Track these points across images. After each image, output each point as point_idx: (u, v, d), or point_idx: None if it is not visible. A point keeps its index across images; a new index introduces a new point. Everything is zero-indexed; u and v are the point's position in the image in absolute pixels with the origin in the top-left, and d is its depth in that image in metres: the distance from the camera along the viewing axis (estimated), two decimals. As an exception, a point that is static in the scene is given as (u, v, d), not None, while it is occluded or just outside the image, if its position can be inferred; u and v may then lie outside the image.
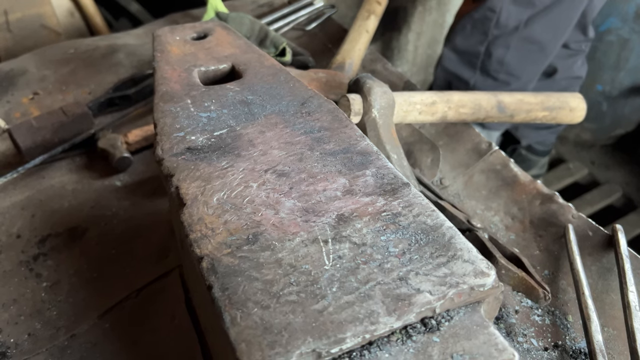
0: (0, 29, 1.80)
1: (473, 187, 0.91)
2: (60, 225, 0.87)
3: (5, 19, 1.81)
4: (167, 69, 0.73)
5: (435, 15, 2.52)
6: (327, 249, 0.46)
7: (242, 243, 0.47)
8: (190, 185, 0.53)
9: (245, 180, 0.53)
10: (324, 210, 0.50)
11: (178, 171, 0.55)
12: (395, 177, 0.54)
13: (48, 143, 0.96)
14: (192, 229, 0.49)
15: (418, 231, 0.48)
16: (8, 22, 1.81)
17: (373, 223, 0.49)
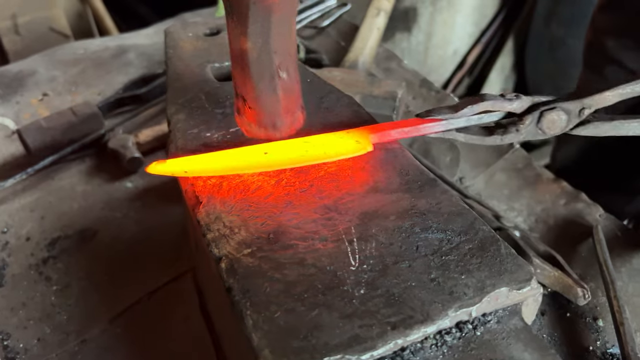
0: (9, 32, 1.79)
1: (494, 186, 0.89)
2: (70, 228, 0.85)
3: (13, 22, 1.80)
4: (179, 65, 0.70)
5: (446, 15, 2.49)
6: (352, 249, 0.43)
7: (263, 243, 0.44)
8: (206, 182, 0.51)
9: (264, 177, 0.51)
10: (346, 208, 0.48)
11: (193, 168, 0.53)
12: (421, 173, 0.51)
13: (57, 144, 0.94)
14: (210, 228, 0.47)
15: (449, 230, 0.45)
16: (17, 25, 1.80)
17: (400, 221, 0.46)
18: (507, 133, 0.51)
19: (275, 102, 0.49)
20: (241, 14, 0.44)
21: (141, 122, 1.04)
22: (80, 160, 0.98)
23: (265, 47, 0.46)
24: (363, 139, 0.51)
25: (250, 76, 0.48)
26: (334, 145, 0.51)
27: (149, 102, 1.06)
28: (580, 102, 0.50)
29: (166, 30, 0.80)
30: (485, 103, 0.48)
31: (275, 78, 0.48)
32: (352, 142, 0.51)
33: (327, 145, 0.51)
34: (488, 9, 2.63)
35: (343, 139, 0.52)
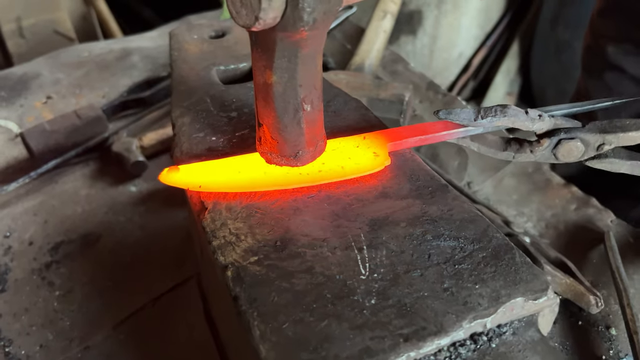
0: (13, 35, 1.79)
1: (503, 191, 0.87)
2: (73, 232, 0.84)
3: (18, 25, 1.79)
4: (184, 68, 0.69)
5: (451, 18, 2.48)
6: (362, 257, 0.42)
7: (270, 250, 0.43)
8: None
9: (271, 182, 0.50)
10: (356, 214, 0.46)
11: (198, 173, 0.52)
12: (432, 179, 0.50)
13: (61, 147, 0.94)
14: (215, 235, 0.45)
15: (462, 237, 0.44)
16: (21, 28, 1.80)
17: (411, 228, 0.45)
18: (521, 152, 0.50)
19: (298, 135, 0.47)
20: (267, 48, 0.43)
21: (145, 126, 1.03)
22: (84, 164, 0.97)
23: (291, 81, 0.44)
24: (380, 150, 0.50)
25: (274, 109, 0.46)
26: (351, 160, 0.50)
27: (153, 106, 1.05)
28: (601, 137, 0.49)
29: (171, 33, 0.79)
30: (505, 119, 0.47)
31: (300, 111, 0.46)
32: (369, 155, 0.50)
33: (344, 159, 0.50)
34: (493, 12, 2.62)
35: (360, 149, 0.51)
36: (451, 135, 0.50)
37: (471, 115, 0.48)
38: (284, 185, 0.48)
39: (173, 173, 0.50)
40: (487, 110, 0.48)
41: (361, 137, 0.52)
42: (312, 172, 0.49)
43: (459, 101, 1.02)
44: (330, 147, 0.51)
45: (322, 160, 0.50)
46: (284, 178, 0.49)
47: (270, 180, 0.49)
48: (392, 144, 0.51)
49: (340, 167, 0.49)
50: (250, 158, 0.51)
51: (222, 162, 0.51)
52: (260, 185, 0.49)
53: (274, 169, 0.49)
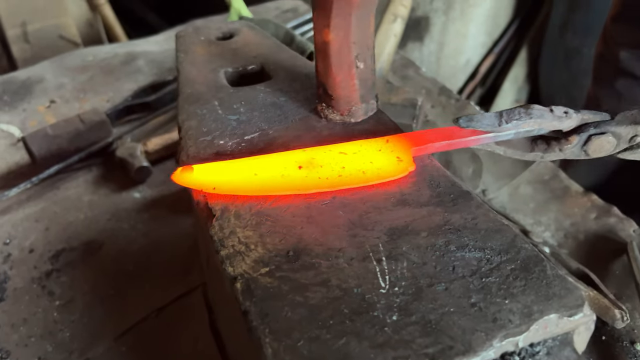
0: (18, 40, 1.77)
1: (519, 199, 0.84)
2: (75, 239, 0.81)
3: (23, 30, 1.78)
4: (191, 70, 0.67)
5: (459, 25, 2.46)
6: (381, 269, 0.39)
7: (282, 261, 0.40)
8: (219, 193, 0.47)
9: (283, 188, 0.47)
10: (373, 222, 0.44)
11: (206, 179, 0.49)
12: (453, 185, 0.47)
13: (64, 152, 0.91)
14: (224, 244, 0.43)
15: (488, 248, 0.41)
16: (26, 33, 1.78)
17: (433, 238, 0.42)
18: (549, 151, 0.47)
19: (352, 91, 0.53)
20: (325, 9, 0.48)
21: (150, 131, 1.00)
22: (87, 170, 0.94)
23: (346, 39, 0.50)
24: (404, 154, 0.47)
25: (331, 66, 0.52)
26: (373, 164, 0.47)
27: (158, 110, 1.03)
28: (634, 129, 0.46)
29: (177, 35, 0.77)
30: (532, 121, 0.44)
31: (353, 68, 0.52)
32: (392, 160, 0.47)
33: (365, 163, 0.47)
34: (501, 18, 2.60)
35: (383, 153, 0.48)
36: (479, 141, 0.47)
37: (494, 121, 0.45)
38: (302, 190, 0.46)
39: (186, 173, 0.48)
40: (510, 113, 0.45)
41: (384, 140, 0.49)
42: (331, 176, 0.46)
43: (472, 106, 0.99)
44: (350, 150, 0.48)
45: (342, 164, 0.47)
46: (302, 182, 0.46)
47: (287, 183, 0.46)
48: (417, 148, 0.48)
49: (361, 172, 0.46)
50: (267, 160, 0.49)
51: (238, 163, 0.49)
52: (277, 188, 0.46)
53: (292, 172, 0.47)
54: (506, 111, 0.45)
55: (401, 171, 0.47)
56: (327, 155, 0.48)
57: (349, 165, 0.47)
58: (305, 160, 0.48)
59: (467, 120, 0.45)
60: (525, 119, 0.44)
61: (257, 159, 0.49)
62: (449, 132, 0.48)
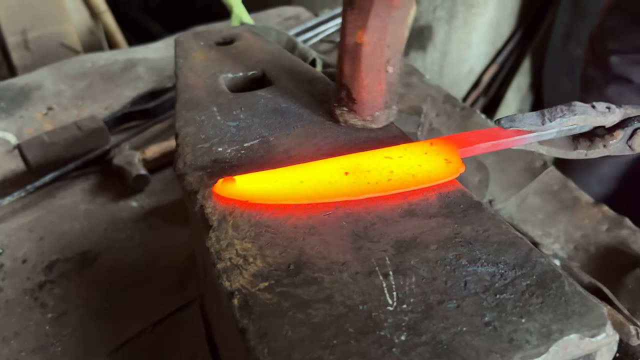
0: (18, 47, 1.76)
1: (527, 210, 0.82)
2: (70, 250, 0.79)
3: (23, 37, 1.77)
4: (190, 76, 0.65)
5: (462, 34, 2.44)
6: (388, 284, 0.37)
7: (282, 275, 0.38)
8: (217, 203, 0.45)
9: (284, 198, 0.44)
10: (379, 234, 0.41)
11: (203, 187, 0.47)
12: (463, 195, 0.45)
13: (60, 160, 0.89)
14: (221, 256, 0.40)
15: (501, 262, 0.38)
16: (27, 40, 1.77)
17: (443, 252, 0.39)
18: (593, 148, 0.46)
19: (378, 95, 0.52)
20: (363, 8, 0.47)
21: (149, 138, 0.98)
22: (84, 178, 0.92)
23: (380, 41, 0.48)
24: (452, 156, 0.46)
25: (360, 68, 0.50)
26: (422, 167, 0.46)
27: (157, 117, 1.01)
28: None
29: (176, 40, 0.75)
30: (576, 118, 0.43)
31: (382, 72, 0.50)
32: (441, 162, 0.46)
33: (413, 166, 0.46)
34: (504, 28, 2.59)
35: (429, 156, 0.46)
36: (524, 140, 0.46)
37: (536, 120, 0.44)
38: (351, 196, 0.44)
39: (229, 185, 0.45)
40: (553, 112, 0.44)
41: (427, 143, 0.48)
42: (380, 181, 0.44)
43: (478, 114, 0.97)
44: (396, 155, 0.47)
45: (389, 168, 0.45)
46: (350, 188, 0.44)
47: (336, 190, 0.44)
48: (464, 149, 0.46)
49: (410, 176, 0.45)
50: (310, 167, 0.47)
51: (281, 172, 0.47)
52: (326, 195, 0.44)
53: (340, 179, 0.45)
54: (548, 110, 0.44)
55: (452, 172, 0.45)
56: (373, 161, 0.47)
57: (397, 169, 0.46)
58: (351, 166, 0.46)
59: (509, 121, 0.44)
60: (569, 116, 0.43)
61: (300, 167, 0.47)
62: (493, 132, 0.47)
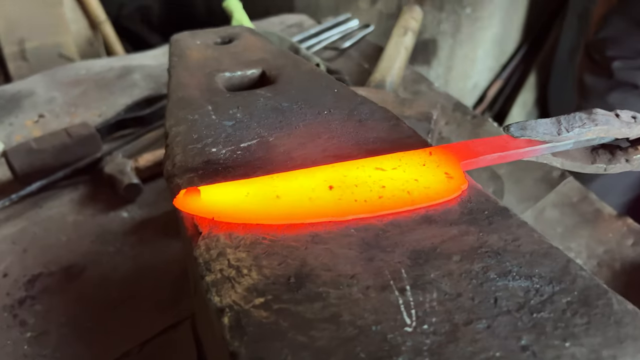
0: (15, 57, 1.72)
1: (545, 223, 0.76)
2: (54, 263, 0.73)
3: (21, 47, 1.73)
4: (184, 74, 0.60)
5: (466, 49, 2.41)
6: (405, 301, 0.31)
7: (281, 289, 0.33)
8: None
9: (284, 201, 0.39)
10: (392, 243, 0.36)
11: (193, 190, 0.42)
12: (487, 200, 0.40)
13: (48, 168, 0.84)
14: (210, 267, 0.35)
15: (536, 276, 0.33)
16: (24, 50, 1.73)
17: (468, 264, 0.34)
18: (614, 162, 0.40)
19: None
20: None
21: (143, 146, 0.93)
22: (73, 187, 0.87)
23: None
24: (453, 169, 0.40)
25: None
26: (419, 183, 0.39)
27: (152, 125, 0.96)
28: None
29: (172, 39, 0.70)
30: (597, 128, 0.38)
31: None
32: (441, 177, 0.40)
33: (409, 181, 0.39)
34: (509, 43, 2.56)
35: (427, 168, 0.40)
36: (535, 152, 0.40)
37: (551, 128, 0.38)
38: (335, 216, 0.37)
39: (192, 197, 0.39)
40: (571, 120, 0.38)
41: (426, 152, 0.42)
42: (370, 198, 0.38)
43: (490, 123, 0.92)
44: (389, 166, 0.41)
45: (381, 182, 0.39)
46: (335, 206, 0.38)
47: (317, 208, 0.38)
48: (467, 162, 0.40)
49: (405, 193, 0.39)
50: (289, 178, 0.40)
51: (255, 183, 0.40)
52: (305, 215, 0.37)
53: (322, 194, 0.39)
54: (565, 117, 0.38)
55: (453, 190, 0.39)
56: (362, 172, 0.40)
57: (389, 183, 0.39)
58: (336, 179, 0.40)
59: (520, 128, 0.38)
60: (589, 125, 0.37)
61: (277, 177, 0.40)
62: (500, 142, 0.41)
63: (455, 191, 0.39)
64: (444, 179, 0.40)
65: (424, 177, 0.40)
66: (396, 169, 0.40)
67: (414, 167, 0.41)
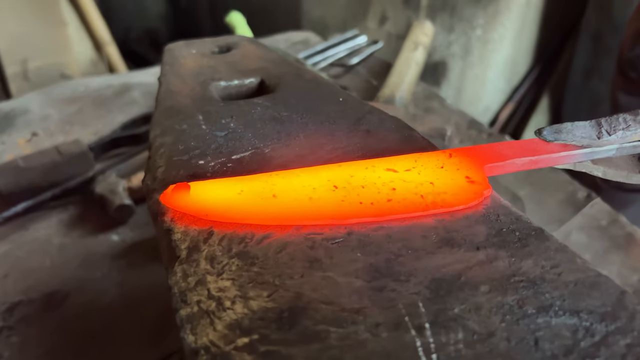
0: (17, 77, 1.70)
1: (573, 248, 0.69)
2: (35, 290, 0.68)
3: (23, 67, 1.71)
4: (175, 83, 0.55)
5: (477, 70, 2.37)
6: (424, 342, 0.25)
7: (271, 327, 0.26)
8: (189, 227, 0.34)
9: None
10: (407, 270, 0.30)
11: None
12: (518, 220, 0.33)
13: (35, 187, 0.79)
14: (186, 299, 0.29)
15: (584, 311, 0.27)
16: (27, 70, 1.71)
17: (500, 295, 0.28)
18: None
19: None
20: None
21: (138, 165, 0.88)
22: (62, 208, 0.82)
23: None
24: (475, 173, 0.35)
25: None
26: (435, 186, 0.34)
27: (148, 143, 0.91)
28: None
29: (166, 48, 0.65)
30: None
31: None
32: (461, 181, 0.34)
33: (423, 184, 0.34)
34: (521, 65, 2.52)
35: (446, 170, 0.35)
36: (571, 158, 0.34)
37: (590, 132, 0.32)
38: (337, 219, 0.32)
39: (181, 194, 0.35)
40: (613, 122, 0.32)
41: (445, 154, 0.36)
42: (377, 201, 0.33)
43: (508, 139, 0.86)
44: (402, 167, 0.36)
45: (391, 184, 0.34)
46: (337, 208, 0.33)
47: (318, 209, 0.33)
48: (492, 165, 0.35)
49: (418, 197, 0.33)
50: (288, 176, 0.36)
51: (249, 180, 0.36)
52: (302, 216, 0.33)
53: (324, 194, 0.34)
54: (607, 119, 0.32)
55: (474, 196, 0.34)
56: (371, 173, 0.36)
57: (401, 186, 0.34)
58: (341, 178, 0.35)
59: (554, 132, 0.32)
60: (635, 128, 0.31)
61: (276, 175, 0.36)
62: (530, 146, 0.36)
63: (476, 197, 0.33)
64: (464, 184, 0.34)
65: (441, 180, 0.34)
66: (410, 171, 0.35)
67: (431, 169, 0.35)
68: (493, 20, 2.23)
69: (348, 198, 0.33)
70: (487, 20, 2.21)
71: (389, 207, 0.33)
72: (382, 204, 0.33)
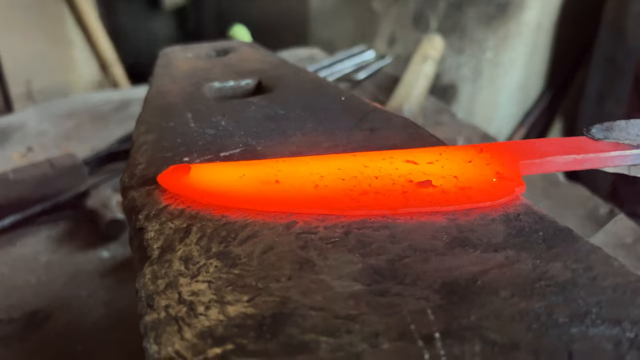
0: (21, 98, 1.68)
1: (594, 267, 0.64)
2: (17, 308, 0.63)
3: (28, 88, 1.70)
4: (166, 84, 0.52)
5: (487, 94, 2.34)
6: (434, 355, 0.21)
7: (249, 335, 0.22)
8: (165, 225, 0.30)
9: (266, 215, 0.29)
10: (413, 273, 0.25)
11: (150, 204, 0.32)
12: (541, 218, 0.29)
13: (24, 201, 0.75)
14: (152, 303, 0.25)
15: (626, 320, 0.22)
16: (31, 91, 1.70)
17: (524, 302, 0.23)
18: None
19: None
20: None
21: (134, 180, 0.84)
22: (53, 223, 0.78)
23: None
24: (508, 169, 0.30)
25: None
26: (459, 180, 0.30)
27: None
28: None
29: (161, 53, 0.62)
30: None
31: None
32: (489, 176, 0.30)
33: (446, 177, 0.30)
34: (532, 89, 2.48)
35: (474, 165, 0.31)
36: (624, 159, 0.30)
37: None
38: (345, 209, 0.29)
39: (181, 175, 0.32)
40: None
41: (476, 148, 0.33)
42: (390, 192, 0.29)
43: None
44: (423, 159, 0.32)
45: (408, 176, 0.30)
46: (343, 198, 0.29)
47: (321, 198, 0.29)
48: (529, 162, 0.31)
49: (439, 191, 0.29)
50: (296, 163, 0.33)
51: (254, 165, 0.33)
52: (305, 204, 0.29)
53: (331, 182, 0.30)
54: None
55: (504, 192, 0.29)
56: (388, 164, 0.32)
57: (420, 179, 0.30)
58: (354, 168, 0.31)
59: (604, 130, 0.28)
60: None
61: (283, 161, 0.33)
62: (575, 143, 0.32)
63: (506, 194, 0.28)
64: (494, 179, 0.30)
65: (466, 175, 0.30)
66: (432, 164, 0.31)
67: (457, 163, 0.31)
68: (503, 43, 2.21)
69: (357, 188, 0.30)
70: (497, 42, 2.19)
71: (403, 200, 0.29)
72: (395, 196, 0.29)
